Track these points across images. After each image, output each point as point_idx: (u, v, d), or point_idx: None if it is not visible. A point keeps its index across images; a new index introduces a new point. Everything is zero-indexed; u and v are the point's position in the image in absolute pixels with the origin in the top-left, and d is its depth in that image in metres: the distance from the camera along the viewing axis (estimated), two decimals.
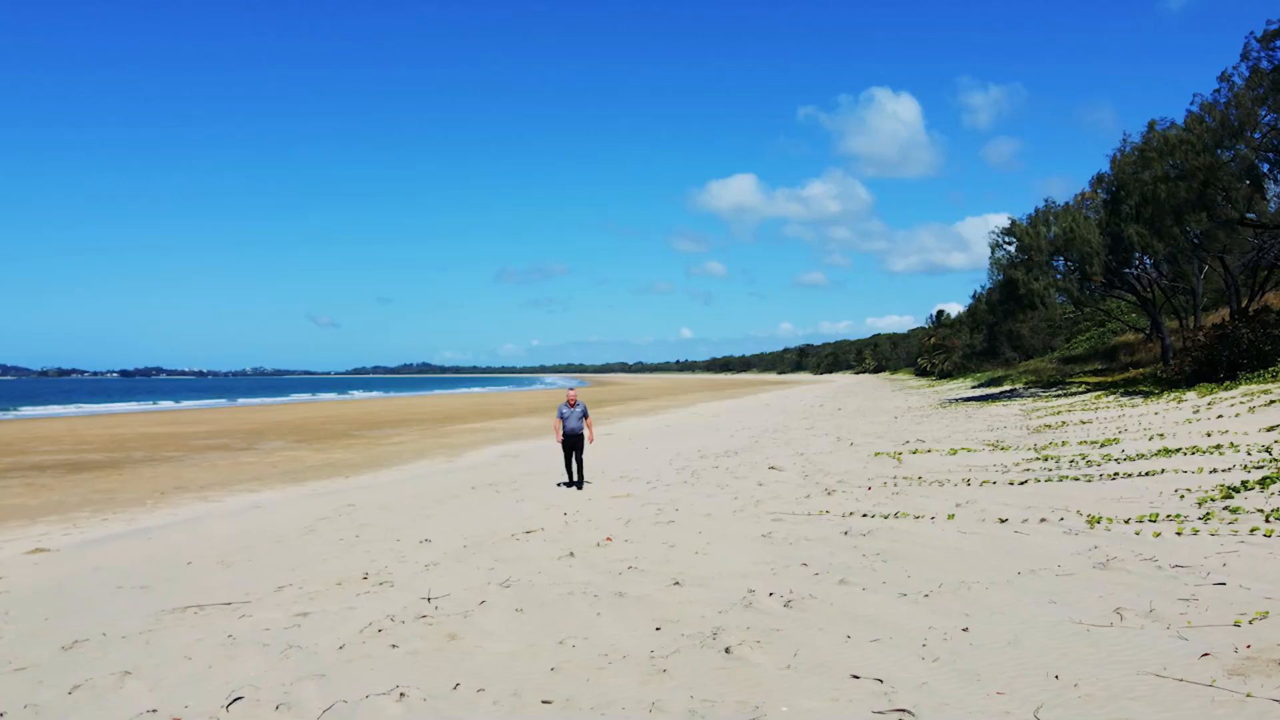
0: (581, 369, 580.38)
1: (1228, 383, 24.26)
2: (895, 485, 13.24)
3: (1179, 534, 8.28)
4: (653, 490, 15.05)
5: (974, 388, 55.37)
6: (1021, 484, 12.36)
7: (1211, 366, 28.23)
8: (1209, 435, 15.27)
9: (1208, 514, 8.94)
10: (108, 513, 16.44)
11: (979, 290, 47.51)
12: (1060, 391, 36.58)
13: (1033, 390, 40.69)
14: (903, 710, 4.57)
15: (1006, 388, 47.87)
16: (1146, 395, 27.51)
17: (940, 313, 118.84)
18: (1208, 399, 21.82)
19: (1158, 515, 9.13)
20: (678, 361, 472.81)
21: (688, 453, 22.44)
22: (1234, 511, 8.87)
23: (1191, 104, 29.64)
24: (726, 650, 5.74)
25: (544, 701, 5.15)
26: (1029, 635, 5.70)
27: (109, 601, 8.89)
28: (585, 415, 16.63)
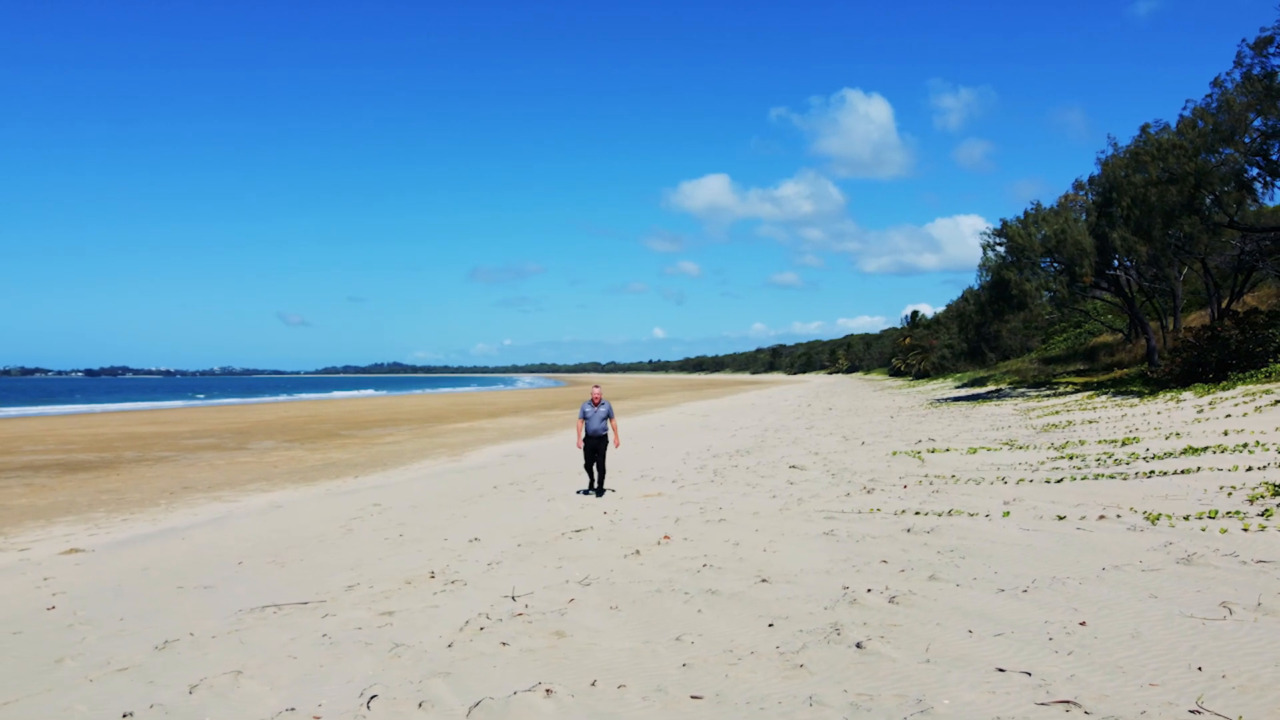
0: (554, 369, 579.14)
1: (1224, 383, 24.69)
2: (931, 484, 13.37)
3: (1245, 530, 8.45)
4: (682, 489, 15.08)
5: (958, 388, 55.92)
6: (1058, 482, 12.53)
7: (1202, 367, 28.69)
8: (1226, 434, 15.55)
9: (1266, 510, 9.12)
10: (124, 513, 16.21)
11: (969, 289, 47.95)
12: (1050, 392, 37.03)
13: (1021, 390, 41.16)
14: (1067, 702, 4.65)
15: (991, 388, 48.38)
16: (1141, 395, 27.93)
17: (915, 314, 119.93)
18: (1208, 399, 22.20)
19: (1216, 512, 9.31)
20: (650, 361, 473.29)
21: (698, 452, 22.51)
22: None
23: (1184, 109, 30.17)
24: (858, 645, 5.79)
25: (693, 697, 5.18)
26: (1148, 629, 5.81)
27: (177, 602, 8.80)
28: (610, 416, 15.28)
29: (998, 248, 37.62)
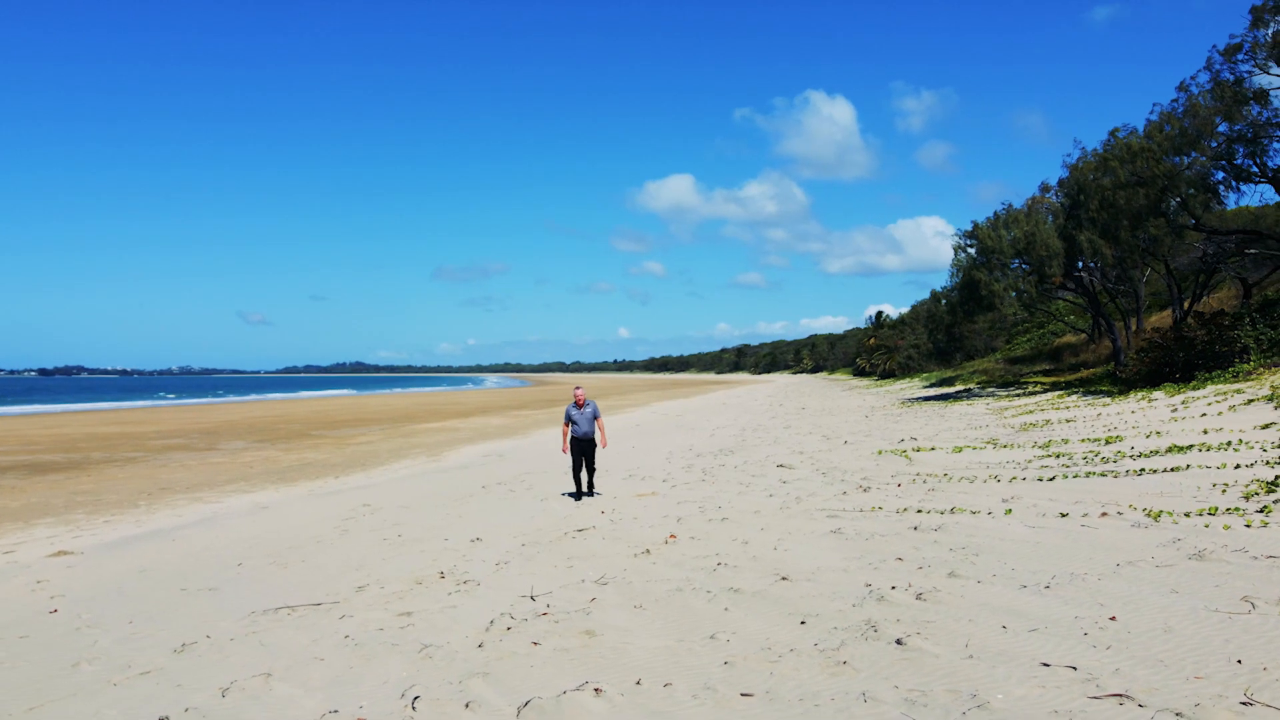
0: (519, 369, 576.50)
1: (1193, 383, 25.20)
2: (924, 482, 13.51)
3: (1249, 526, 8.64)
4: (675, 489, 15.10)
5: (926, 387, 56.52)
6: (1051, 480, 12.71)
7: (1169, 367, 29.25)
8: (1206, 433, 15.87)
9: (1265, 507, 9.33)
10: (105, 515, 15.89)
11: (936, 290, 48.53)
12: (1019, 391, 37.56)
13: (990, 390, 41.70)
14: (1120, 695, 4.72)
15: (960, 388, 48.96)
16: (1111, 395, 28.43)
17: (880, 314, 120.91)
18: (1180, 398, 22.65)
19: (1216, 509, 9.50)
20: (615, 361, 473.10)
21: (680, 451, 22.55)
22: None
23: (1151, 113, 30.77)
24: (898, 642, 5.83)
25: (743, 695, 5.19)
26: (1178, 623, 5.91)
27: (184, 604, 8.65)
28: (596, 417, 14.68)
29: (969, 249, 38.09)
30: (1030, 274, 37.40)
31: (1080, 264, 40.76)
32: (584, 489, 14.60)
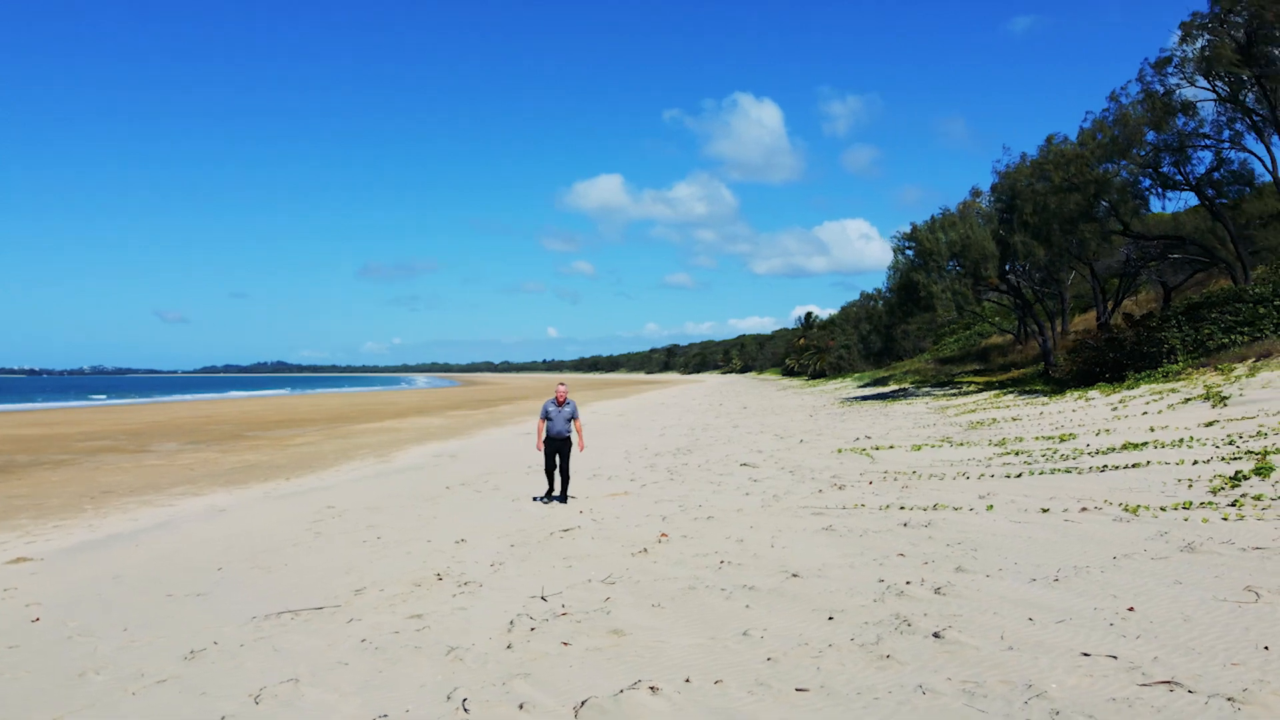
0: (447, 368, 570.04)
1: (1126, 382, 26.16)
2: (895, 480, 13.78)
3: (1225, 520, 9.01)
4: (645, 488, 15.13)
5: (861, 387, 57.56)
6: (1018, 477, 13.08)
7: (1100, 367, 30.31)
8: (1153, 430, 16.49)
9: (1235, 501, 9.74)
10: (53, 520, 15.27)
11: (865, 292, 49.44)
12: (954, 391, 38.51)
13: (925, 390, 42.67)
14: (1168, 682, 4.90)
15: (894, 387, 49.98)
16: (1046, 394, 29.34)
17: (809, 315, 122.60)
18: (1116, 397, 23.49)
19: (1191, 503, 9.89)
20: (544, 361, 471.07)
21: (637, 451, 22.61)
22: (1258, 499, 9.70)
23: (1084, 120, 31.86)
24: (935, 635, 5.95)
25: (798, 690, 5.24)
26: (1194, 613, 6.15)
27: (175, 610, 8.36)
28: (574, 417, 14.04)
29: (907, 251, 38.94)
30: (966, 275, 38.37)
31: (1008, 267, 42.05)
32: (556, 491, 14.04)
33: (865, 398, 44.02)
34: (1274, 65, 26.05)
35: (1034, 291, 45.94)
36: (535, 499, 14.43)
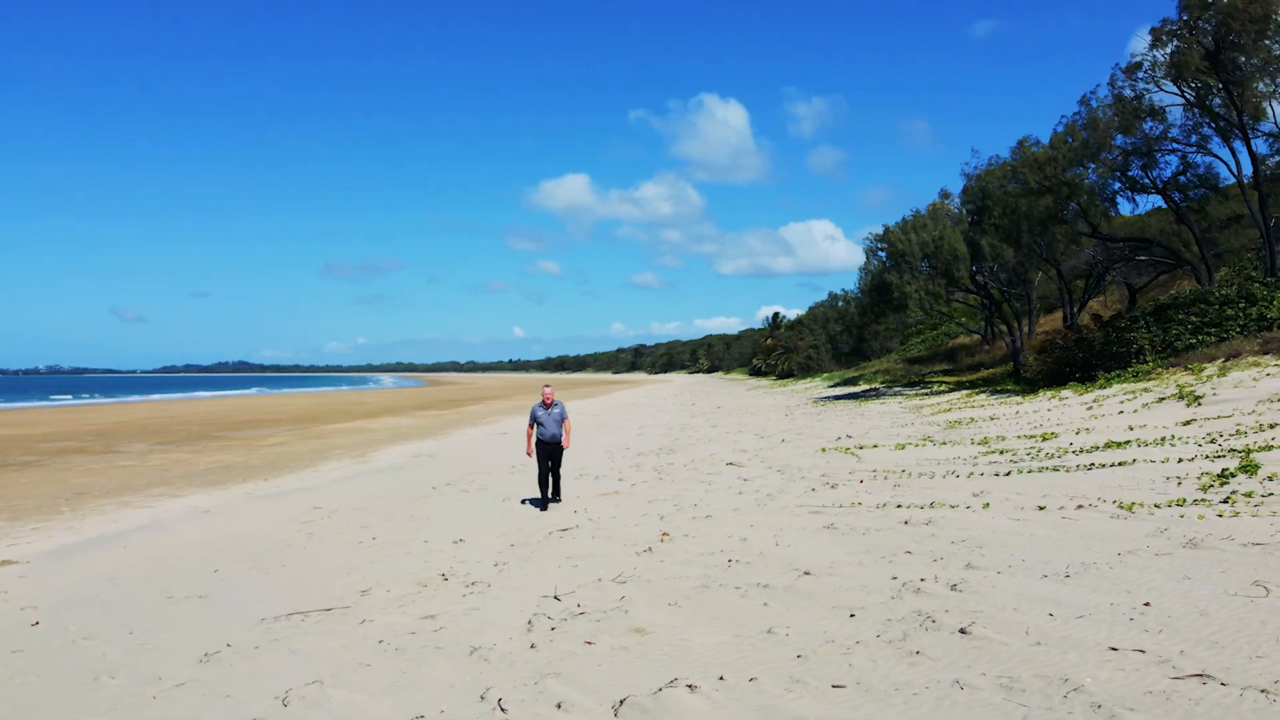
0: (412, 368, 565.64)
1: (1098, 382, 26.59)
2: (885, 479, 13.90)
3: (1220, 516, 9.19)
4: (635, 488, 15.14)
5: (831, 387, 57.98)
6: (1007, 475, 13.25)
7: (1070, 367, 30.79)
8: (1132, 429, 16.79)
9: (1226, 498, 9.95)
10: (31, 522, 14.96)
11: (834, 293, 49.85)
12: (926, 391, 38.92)
13: (896, 390, 43.07)
14: (1200, 675, 5.00)
15: (865, 387, 50.40)
16: (1019, 394, 29.75)
17: (777, 315, 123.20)
18: (1090, 397, 23.87)
19: (1184, 500, 10.08)
20: (511, 361, 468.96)
21: (618, 450, 22.59)
22: (1248, 496, 9.92)
23: (1058, 124, 32.38)
24: (962, 631, 6.02)
25: (835, 686, 5.28)
26: (1209, 607, 6.27)
27: (178, 612, 8.24)
28: (564, 419, 13.81)
29: (880, 253, 39.30)
30: (938, 276, 38.79)
31: (976, 268, 42.61)
32: (550, 494, 13.57)
33: (838, 397, 44.36)
34: (1240, 72, 26.62)
35: (1001, 292, 46.62)
36: (524, 501, 14.28)
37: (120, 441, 33.82)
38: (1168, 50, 27.16)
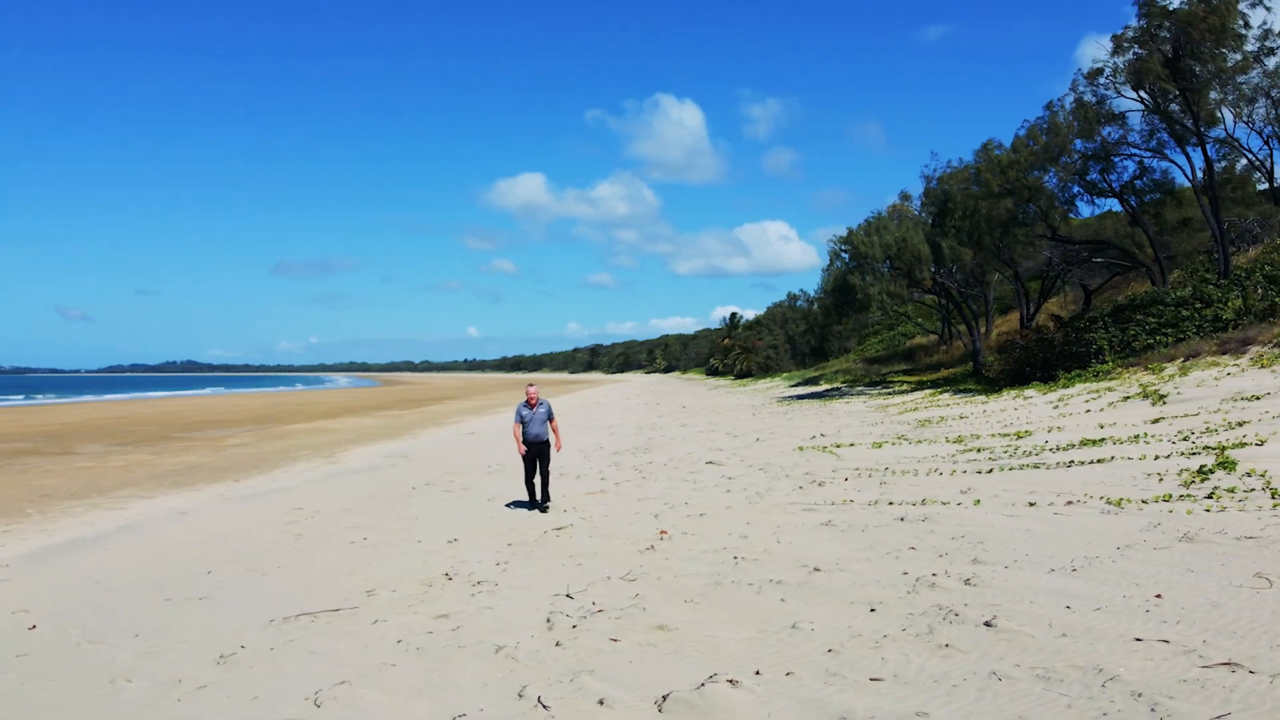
0: (365, 368, 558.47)
1: (1061, 381, 27.15)
2: (870, 476, 14.08)
3: (1208, 511, 9.45)
4: (620, 486, 15.19)
5: (793, 386, 58.45)
6: (989, 472, 13.49)
7: (1030, 366, 31.38)
8: (1102, 427, 17.18)
9: (1210, 493, 10.23)
10: None
11: (803, 292, 50.28)
12: (888, 390, 39.40)
13: (859, 389, 43.55)
14: (1228, 664, 5.15)
15: (826, 386, 50.88)
16: (982, 393, 30.25)
17: (734, 315, 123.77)
18: (1055, 395, 24.36)
19: (1170, 496, 10.35)
20: (466, 360, 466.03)
21: (593, 450, 22.58)
22: (1231, 491, 10.21)
23: (1020, 129, 32.94)
24: (987, 624, 6.14)
25: (873, 679, 5.35)
26: (1219, 599, 6.46)
27: (181, 615, 8.11)
28: (551, 418, 13.80)
29: (843, 254, 39.73)
30: (900, 276, 39.30)
31: (937, 269, 43.28)
32: (539, 497, 13.28)
33: (801, 397, 44.74)
34: (1197, 79, 27.36)
35: (960, 293, 47.41)
36: (510, 502, 14.25)
37: (76, 443, 33.03)
38: (1128, 56, 27.83)
